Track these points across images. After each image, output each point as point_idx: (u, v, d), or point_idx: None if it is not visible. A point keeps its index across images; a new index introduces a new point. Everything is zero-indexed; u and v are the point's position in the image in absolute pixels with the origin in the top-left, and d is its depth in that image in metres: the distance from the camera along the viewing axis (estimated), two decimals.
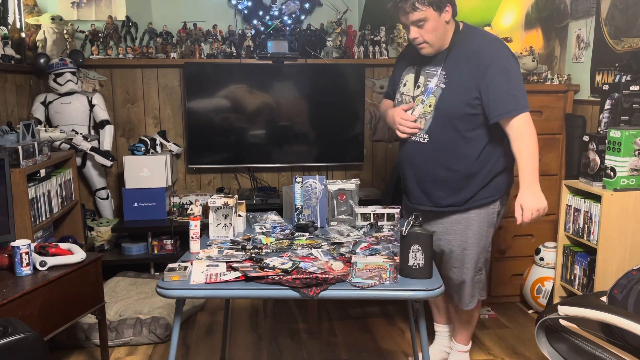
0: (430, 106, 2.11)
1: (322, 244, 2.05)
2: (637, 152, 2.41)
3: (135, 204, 3.66)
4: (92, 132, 3.75)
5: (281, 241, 2.09)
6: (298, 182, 2.34)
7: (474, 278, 2.26)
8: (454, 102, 2.07)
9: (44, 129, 3.14)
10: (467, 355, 2.52)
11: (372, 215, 2.32)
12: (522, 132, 2.03)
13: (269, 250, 1.98)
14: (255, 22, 4.00)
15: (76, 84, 3.59)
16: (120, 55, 3.82)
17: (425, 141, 2.15)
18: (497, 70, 2.02)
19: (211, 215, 2.18)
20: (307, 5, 4.03)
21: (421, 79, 2.16)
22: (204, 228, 2.18)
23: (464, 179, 2.15)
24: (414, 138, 2.19)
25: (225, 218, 2.17)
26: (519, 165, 2.05)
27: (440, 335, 2.62)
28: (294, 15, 4.01)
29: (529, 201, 2.02)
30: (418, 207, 2.24)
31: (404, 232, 1.74)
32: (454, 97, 2.07)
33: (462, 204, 2.18)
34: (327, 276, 1.70)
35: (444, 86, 2.08)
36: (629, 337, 1.74)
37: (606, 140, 2.47)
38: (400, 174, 2.36)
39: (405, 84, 2.22)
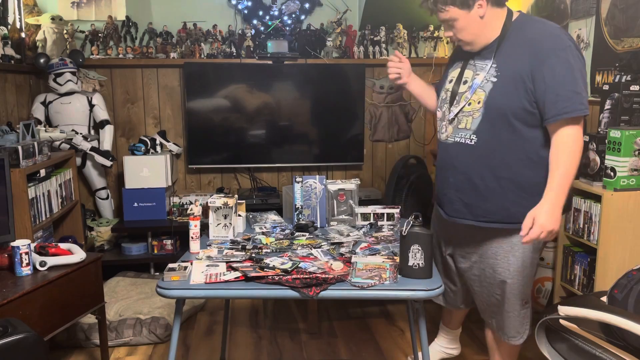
0: (478, 102, 1.86)
1: (322, 244, 2.05)
2: (637, 152, 2.41)
3: (135, 204, 3.66)
4: (92, 132, 3.75)
5: (281, 241, 2.09)
6: (298, 182, 2.34)
7: (520, 312, 2.03)
8: (507, 96, 1.81)
9: (44, 129, 3.14)
10: None
11: (372, 215, 2.32)
12: (571, 140, 1.75)
13: (269, 250, 1.98)
14: (255, 22, 4.00)
15: (76, 84, 3.59)
16: (120, 55, 3.82)
17: (473, 143, 1.89)
18: (558, 62, 1.73)
19: (211, 215, 2.18)
20: (307, 5, 4.03)
21: (467, 73, 1.92)
22: (204, 228, 2.18)
23: (517, 190, 1.88)
24: (457, 139, 1.93)
25: (225, 218, 2.17)
26: (549, 175, 1.78)
27: (444, 337, 2.56)
28: (294, 15, 4.01)
29: (544, 218, 1.74)
30: (457, 220, 2.01)
31: (404, 232, 1.74)
32: (508, 90, 1.81)
33: (511, 222, 1.89)
34: (327, 276, 1.70)
35: (495, 79, 1.83)
36: (629, 337, 1.74)
37: (606, 140, 2.47)
38: (437, 181, 2.12)
39: (451, 80, 1.99)
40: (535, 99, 1.79)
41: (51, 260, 2.23)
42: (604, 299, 1.95)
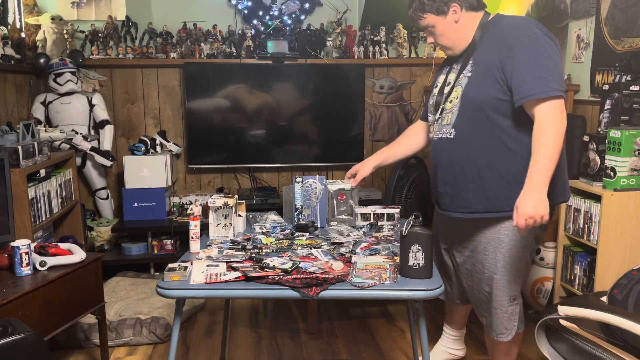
0: (456, 98, 1.95)
1: (322, 244, 2.05)
2: (637, 152, 2.41)
3: (135, 204, 3.66)
4: (92, 132, 3.75)
5: (281, 241, 2.09)
6: (298, 182, 2.34)
7: (508, 309, 2.04)
8: (480, 87, 1.88)
9: (44, 129, 3.14)
10: None
11: (372, 215, 2.32)
12: (544, 121, 1.76)
13: (269, 250, 1.98)
14: (255, 22, 4.00)
15: (76, 84, 3.59)
16: (120, 55, 3.82)
17: (452, 136, 1.97)
18: (523, 49, 1.80)
19: (211, 215, 2.18)
20: (307, 5, 4.03)
21: (451, 76, 2.02)
22: (204, 228, 2.18)
23: (498, 179, 1.91)
24: (440, 135, 2.02)
25: (225, 218, 2.17)
26: (531, 160, 1.78)
27: (447, 337, 2.56)
28: (294, 15, 4.01)
29: (526, 206, 1.72)
30: (445, 213, 2.08)
31: (404, 232, 1.74)
32: (480, 82, 1.88)
33: (493, 211, 1.93)
34: (327, 276, 1.70)
35: (470, 74, 1.92)
36: (629, 337, 1.74)
37: (606, 140, 2.47)
38: (430, 178, 2.20)
39: (437, 86, 2.10)
40: (507, 85, 1.84)
41: (51, 260, 2.23)
42: (604, 299, 1.95)
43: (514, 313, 2.07)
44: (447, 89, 2.02)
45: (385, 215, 2.31)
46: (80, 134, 3.57)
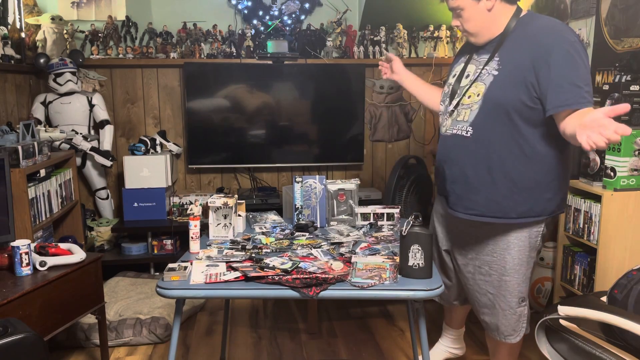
0: (477, 95, 1.87)
1: (322, 244, 2.05)
2: (637, 152, 2.41)
3: (135, 204, 3.66)
4: (92, 132, 3.75)
5: (281, 241, 2.09)
6: (298, 182, 2.34)
7: (517, 310, 2.02)
8: (507, 90, 1.80)
9: (44, 129, 3.14)
10: None
11: (372, 215, 2.32)
12: None
13: (269, 250, 1.98)
14: (255, 22, 4.00)
15: (76, 84, 3.59)
16: (120, 55, 3.82)
17: (468, 134, 1.89)
18: (560, 55, 1.72)
19: (211, 215, 2.18)
20: (307, 5, 4.03)
21: (470, 68, 1.94)
22: (204, 228, 2.18)
23: (510, 184, 1.86)
24: (454, 131, 1.94)
25: (225, 218, 2.17)
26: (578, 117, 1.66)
27: (447, 336, 2.56)
28: (294, 15, 4.01)
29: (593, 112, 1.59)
30: (452, 213, 2.02)
31: (404, 232, 1.74)
32: (508, 84, 1.80)
33: (502, 217, 1.90)
34: (327, 276, 1.70)
35: (496, 73, 1.83)
36: (629, 337, 1.74)
37: None
38: (435, 174, 2.15)
39: (454, 75, 2.01)
40: (538, 92, 1.77)
41: (51, 260, 2.23)
42: (604, 299, 1.95)
43: (523, 314, 2.05)
44: (465, 81, 1.94)
45: (385, 215, 2.31)
46: (80, 134, 3.57)
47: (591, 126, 1.52)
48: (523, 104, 1.79)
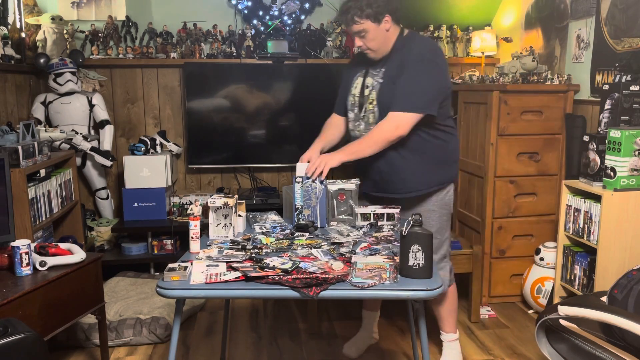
0: (373, 101, 2.32)
1: (322, 244, 2.04)
2: (637, 152, 2.41)
3: (135, 204, 3.66)
4: (92, 132, 3.75)
5: (281, 241, 2.09)
6: (298, 182, 2.34)
7: (439, 264, 2.37)
8: (388, 94, 2.25)
9: (44, 129, 3.14)
10: (458, 343, 2.57)
11: (372, 215, 2.32)
12: (378, 129, 2.22)
13: (269, 250, 1.98)
14: (255, 22, 4.00)
15: (76, 84, 3.60)
16: (120, 55, 3.83)
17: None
18: (410, 69, 2.20)
19: (211, 215, 2.18)
20: (307, 5, 4.03)
21: (369, 80, 2.35)
22: (204, 228, 2.18)
23: (421, 161, 2.32)
24: (368, 131, 2.34)
25: (225, 218, 2.17)
26: (356, 141, 2.32)
27: (365, 321, 2.76)
28: (294, 15, 4.01)
29: (326, 157, 2.32)
30: (383, 195, 2.42)
31: (404, 232, 1.74)
32: (388, 90, 2.25)
33: (424, 188, 2.34)
34: (327, 276, 1.70)
35: (381, 81, 2.29)
36: (629, 337, 1.74)
37: (606, 140, 2.47)
38: (358, 169, 2.52)
39: (355, 87, 2.40)
40: None
41: (51, 260, 2.23)
42: (604, 299, 1.95)
43: (443, 268, 2.41)
44: (367, 91, 2.34)
45: (385, 215, 2.31)
46: (80, 134, 3.57)
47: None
48: None
